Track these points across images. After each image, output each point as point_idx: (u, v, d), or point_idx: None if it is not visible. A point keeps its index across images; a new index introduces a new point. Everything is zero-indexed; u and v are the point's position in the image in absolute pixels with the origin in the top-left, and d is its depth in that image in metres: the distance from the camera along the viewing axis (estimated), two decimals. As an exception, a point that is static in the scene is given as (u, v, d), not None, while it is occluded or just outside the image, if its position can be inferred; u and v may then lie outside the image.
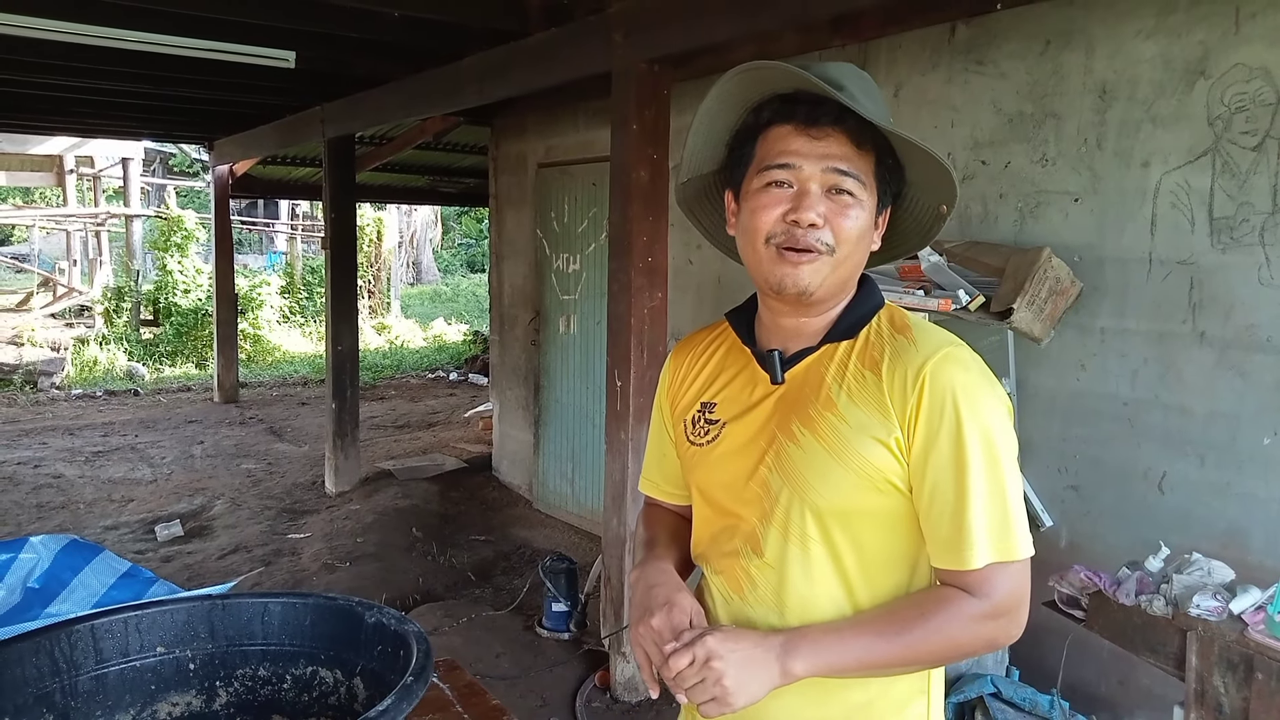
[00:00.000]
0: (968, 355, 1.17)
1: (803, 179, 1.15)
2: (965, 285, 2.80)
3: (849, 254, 1.18)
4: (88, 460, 7.11)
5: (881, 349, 1.19)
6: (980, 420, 1.12)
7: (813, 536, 1.18)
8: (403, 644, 1.22)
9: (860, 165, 1.16)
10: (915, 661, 1.14)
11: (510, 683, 3.57)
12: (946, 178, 1.18)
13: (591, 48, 3.43)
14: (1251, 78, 2.59)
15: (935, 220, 1.25)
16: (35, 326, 12.13)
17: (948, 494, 1.11)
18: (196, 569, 4.82)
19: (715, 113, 1.22)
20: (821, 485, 1.16)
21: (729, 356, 1.33)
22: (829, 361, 1.21)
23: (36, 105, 6.64)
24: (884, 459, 1.14)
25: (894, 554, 1.19)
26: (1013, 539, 1.11)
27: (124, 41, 4.15)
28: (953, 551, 1.11)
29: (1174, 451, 2.82)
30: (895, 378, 1.15)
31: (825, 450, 1.16)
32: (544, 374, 5.92)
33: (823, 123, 1.14)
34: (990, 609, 1.10)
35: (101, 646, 1.29)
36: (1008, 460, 1.13)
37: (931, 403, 1.12)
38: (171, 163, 20.82)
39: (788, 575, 1.19)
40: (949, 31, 3.35)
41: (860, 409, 1.16)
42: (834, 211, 1.15)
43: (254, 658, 1.34)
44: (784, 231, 1.16)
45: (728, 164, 1.26)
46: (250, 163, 8.65)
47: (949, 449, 1.11)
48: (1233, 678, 1.92)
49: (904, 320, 1.23)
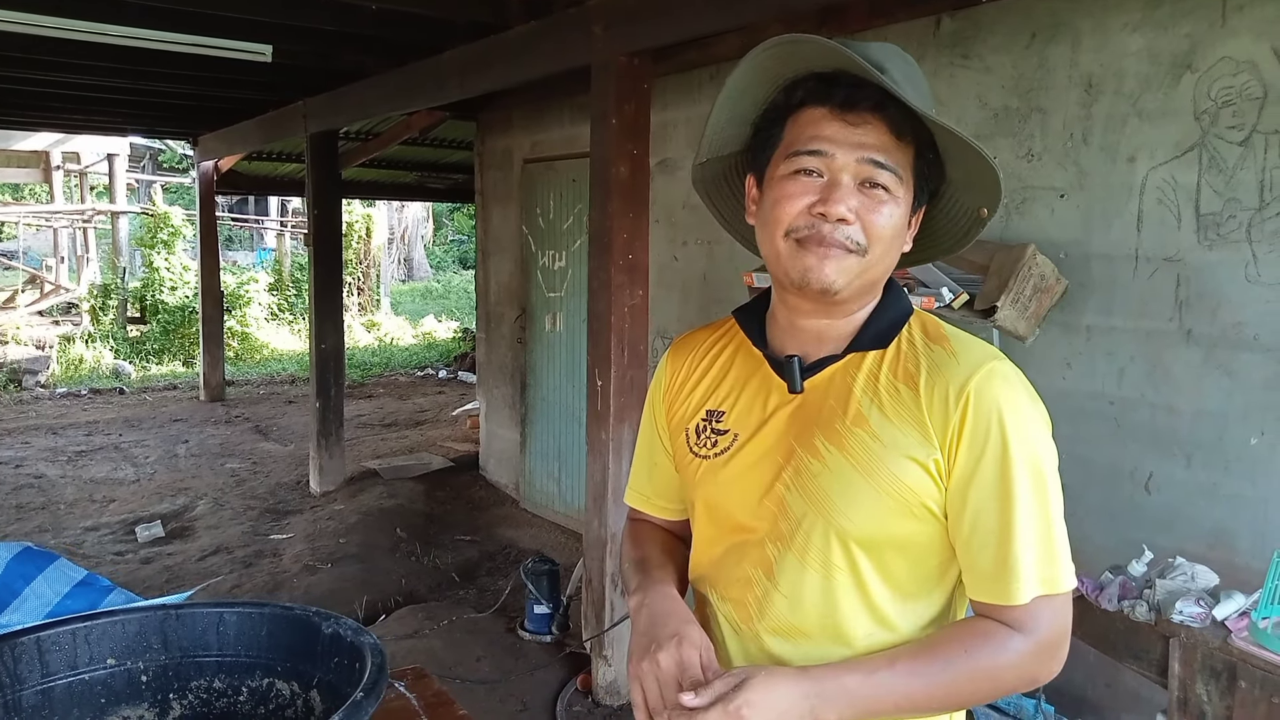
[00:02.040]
0: (1012, 371, 1.08)
1: (835, 169, 1.05)
2: (948, 283, 2.76)
3: (881, 255, 1.07)
4: (70, 460, 7.04)
5: (917, 361, 1.09)
6: (1027, 443, 1.03)
7: (837, 564, 1.08)
8: (359, 656, 1.20)
9: (899, 158, 1.06)
10: (955, 702, 1.05)
11: (490, 687, 3.52)
12: (991, 177, 1.07)
13: (571, 40, 3.38)
14: (1239, 71, 2.55)
15: (974, 224, 1.14)
16: (20, 324, 12.05)
17: (991, 523, 1.03)
18: (176, 570, 4.76)
19: (744, 88, 1.10)
20: (849, 508, 1.07)
21: (736, 360, 1.22)
22: (856, 372, 1.11)
23: (16, 100, 6.56)
24: (921, 481, 1.05)
25: (926, 584, 1.10)
26: (1058, 570, 1.03)
27: (100, 35, 4.09)
28: (996, 585, 1.03)
29: (1161, 451, 2.78)
30: (935, 394, 1.06)
31: (855, 469, 1.07)
32: (530, 372, 5.87)
33: (861, 108, 1.04)
34: (1035, 645, 1.02)
35: (48, 659, 1.25)
36: (1054, 486, 1.04)
37: (976, 423, 1.03)
38: (161, 159, 20.72)
39: (806, 606, 1.10)
40: (934, 25, 3.31)
41: (895, 426, 1.06)
42: (867, 207, 1.05)
43: (209, 669, 1.30)
44: (809, 225, 1.06)
45: (752, 145, 1.16)
46: (235, 158, 8.58)
47: (994, 475, 1.03)
48: (1215, 685, 1.87)
49: (939, 329, 1.13)
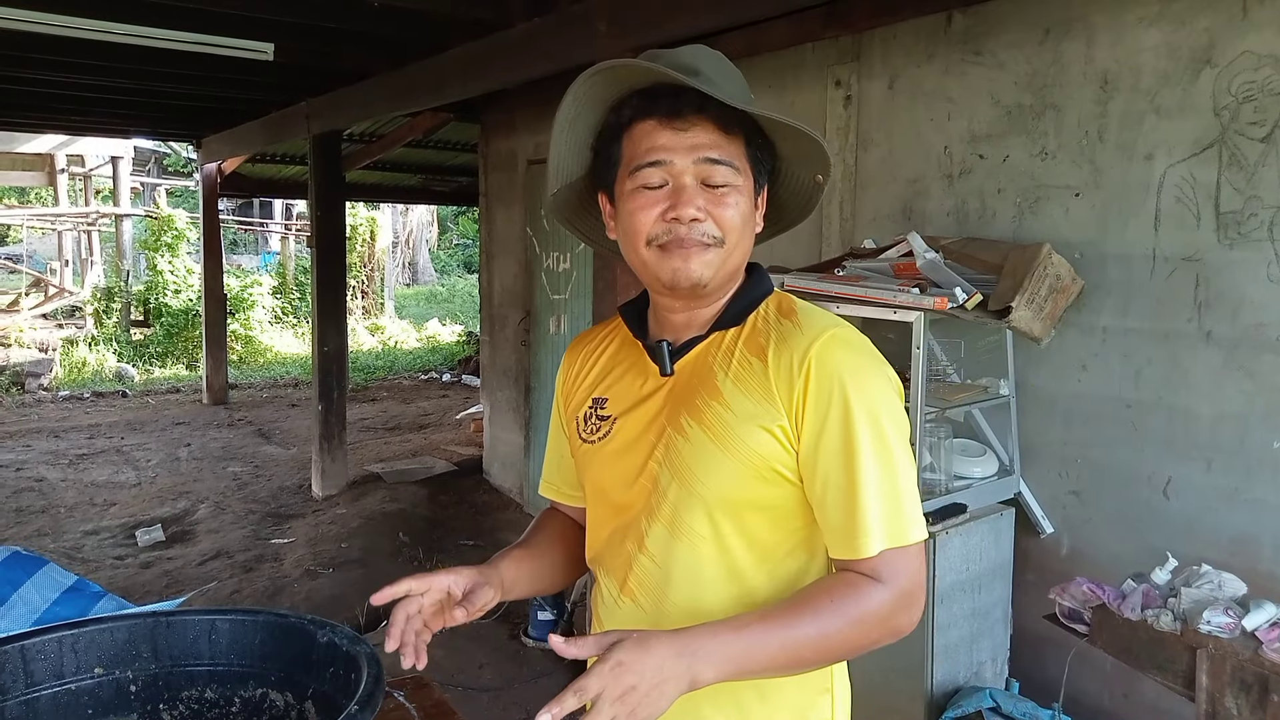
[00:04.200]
0: (854, 336, 1.15)
1: (675, 173, 1.12)
2: (961, 283, 2.71)
3: (737, 242, 1.15)
4: (71, 463, 7.01)
5: (768, 334, 1.16)
6: (869, 402, 1.09)
7: (701, 533, 1.14)
8: (354, 666, 1.16)
9: (731, 151, 1.13)
10: (829, 652, 1.06)
11: (493, 695, 3.47)
12: (817, 148, 1.16)
13: (574, 38, 3.34)
14: (1260, 66, 2.49)
15: (814, 190, 1.23)
16: (24, 327, 12.03)
17: (839, 481, 1.08)
18: (176, 575, 4.72)
19: (574, 117, 1.19)
20: (707, 476, 1.13)
21: (621, 351, 1.30)
22: (716, 350, 1.18)
23: (19, 101, 6.54)
24: (770, 447, 1.11)
25: (789, 545, 1.16)
26: (905, 523, 1.08)
27: (103, 33, 4.05)
28: (846, 540, 1.08)
29: (1179, 455, 2.72)
30: (781, 363, 1.12)
31: (711, 440, 1.13)
32: (534, 375, 5.82)
33: (686, 113, 1.11)
34: (894, 593, 1.06)
35: (33, 669, 1.21)
36: (898, 442, 1.10)
37: (819, 387, 1.09)
38: (166, 162, 20.70)
39: (673, 574, 1.16)
40: (945, 21, 3.26)
41: (746, 397, 1.13)
42: (713, 202, 1.12)
43: (200, 679, 1.26)
44: (666, 231, 1.13)
45: (595, 167, 1.23)
46: (238, 161, 8.57)
47: (838, 435, 1.08)
48: (1246, 699, 1.81)
49: (791, 305, 1.20)
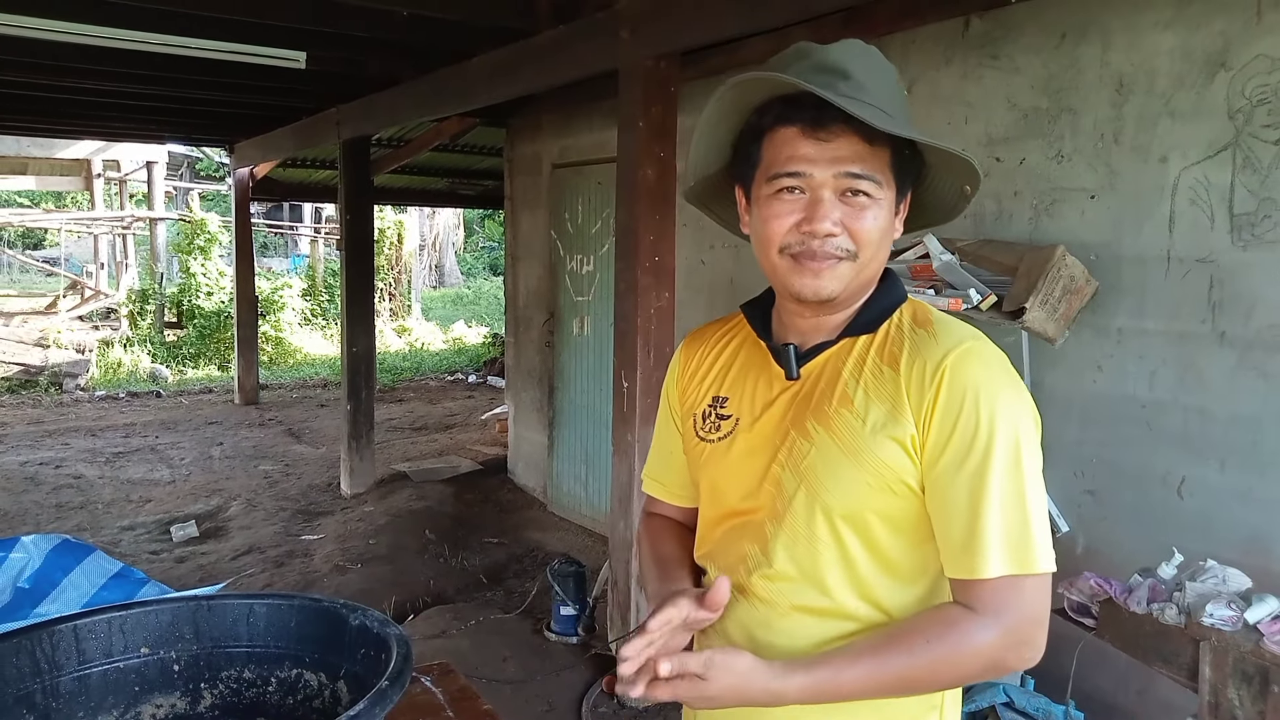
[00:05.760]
0: (990, 351, 1.11)
1: (814, 186, 1.08)
2: (976, 284, 2.75)
3: (872, 255, 1.12)
4: (108, 461, 7.18)
5: (901, 343, 1.13)
6: (1001, 419, 1.05)
7: (823, 539, 1.12)
8: (384, 647, 1.21)
9: (874, 164, 1.09)
10: (914, 685, 1.07)
11: (516, 687, 3.54)
12: (968, 165, 1.12)
13: (599, 45, 3.41)
14: (1274, 69, 2.51)
15: (960, 199, 1.19)
16: (61, 329, 12.28)
17: (962, 497, 1.04)
18: (209, 569, 4.84)
19: (716, 121, 1.16)
20: (833, 484, 1.10)
21: (743, 350, 1.27)
22: (847, 356, 1.15)
23: (59, 108, 6.73)
24: (899, 459, 1.08)
25: (913, 562, 1.12)
26: (1032, 549, 1.02)
27: (141, 43, 4.18)
28: (963, 558, 1.04)
29: (1194, 455, 2.74)
30: (914, 373, 1.09)
31: (839, 448, 1.10)
32: (558, 376, 5.90)
33: (830, 124, 1.06)
34: (1001, 631, 1.02)
35: (84, 647, 1.27)
36: (1030, 465, 1.05)
37: (949, 398, 1.06)
38: (198, 167, 21.09)
39: (796, 578, 1.13)
40: (963, 25, 3.30)
41: (877, 406, 1.10)
42: (850, 215, 1.09)
43: (239, 659, 1.33)
44: (799, 241, 1.10)
45: (734, 161, 1.20)
46: (270, 165, 8.72)
47: (965, 449, 1.04)
48: (1248, 690, 1.84)
49: (927, 314, 1.16)
